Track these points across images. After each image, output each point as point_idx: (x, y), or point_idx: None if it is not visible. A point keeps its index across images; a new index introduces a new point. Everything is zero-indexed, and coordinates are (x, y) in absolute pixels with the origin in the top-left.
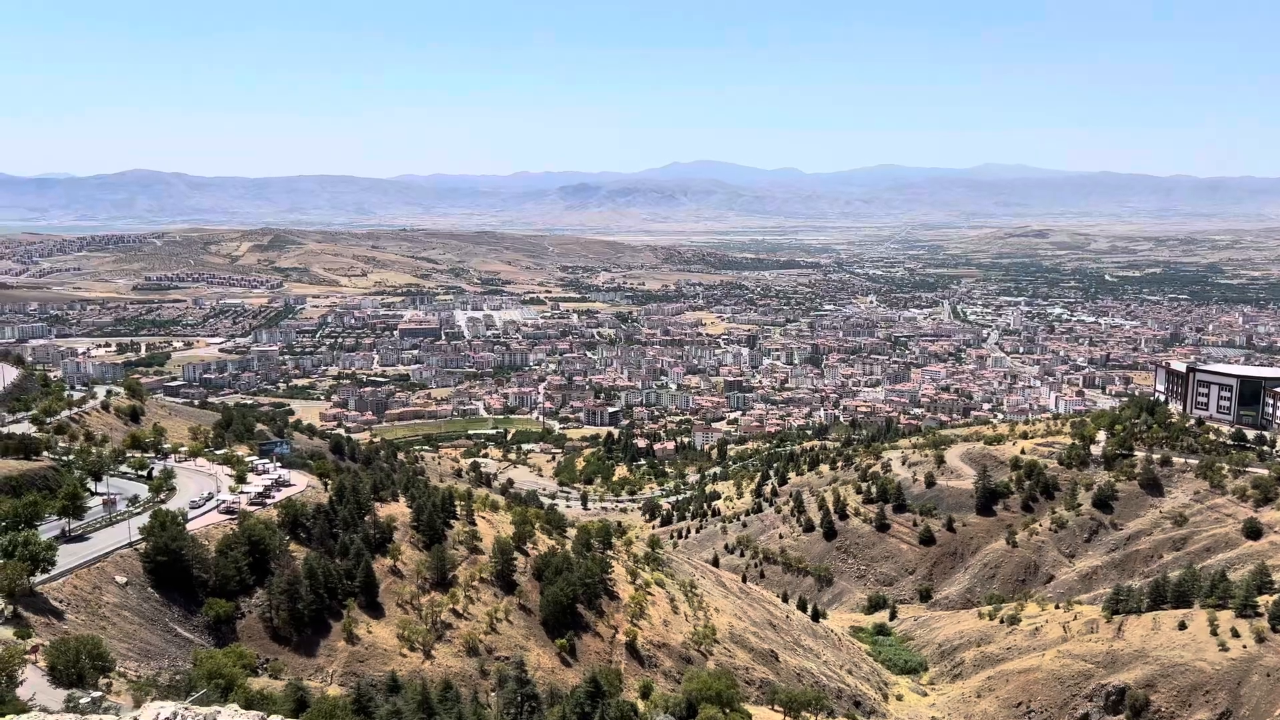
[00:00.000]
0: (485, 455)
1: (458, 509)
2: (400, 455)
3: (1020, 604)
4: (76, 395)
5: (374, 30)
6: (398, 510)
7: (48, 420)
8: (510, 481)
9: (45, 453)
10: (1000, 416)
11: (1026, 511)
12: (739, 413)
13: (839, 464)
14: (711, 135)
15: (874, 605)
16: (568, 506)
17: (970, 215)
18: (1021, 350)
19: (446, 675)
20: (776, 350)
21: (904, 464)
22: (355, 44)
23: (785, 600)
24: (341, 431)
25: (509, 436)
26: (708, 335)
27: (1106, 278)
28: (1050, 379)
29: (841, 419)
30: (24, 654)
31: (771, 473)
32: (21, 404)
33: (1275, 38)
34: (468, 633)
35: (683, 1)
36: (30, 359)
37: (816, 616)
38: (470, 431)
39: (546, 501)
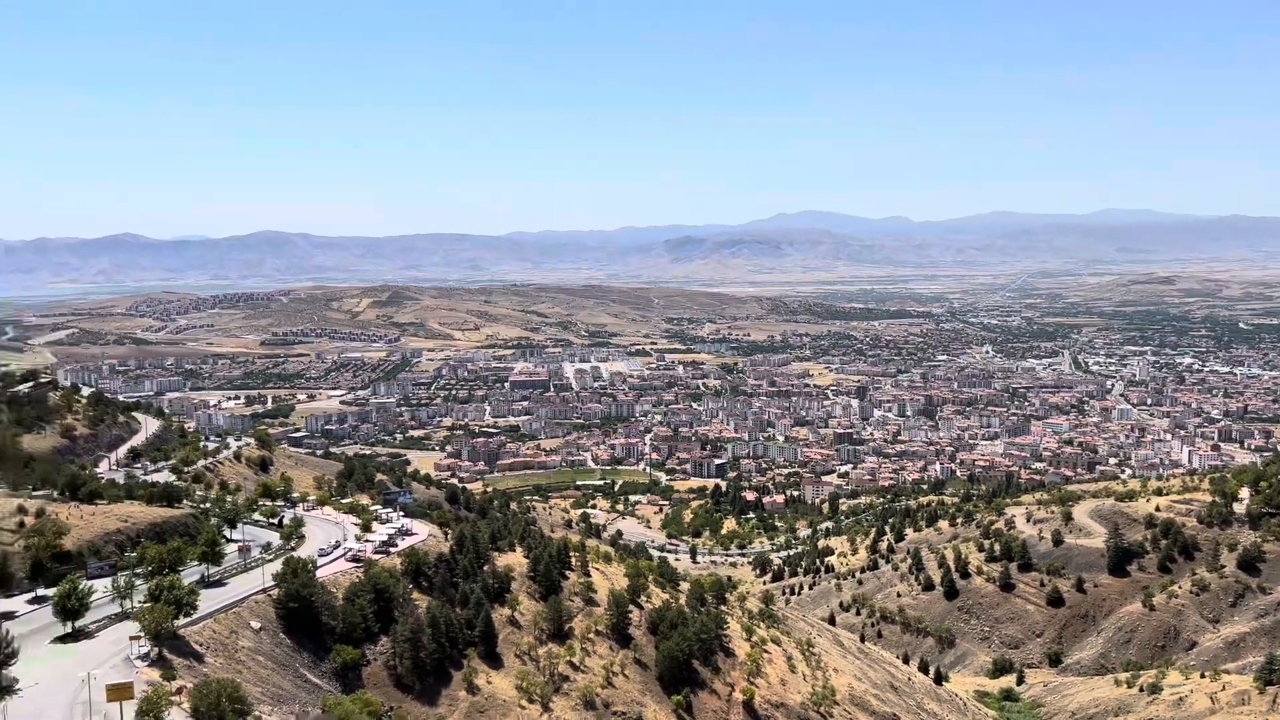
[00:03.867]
0: (593, 506)
1: (572, 560)
2: (513, 505)
3: (1161, 671)
4: (211, 446)
5: (479, 101)
6: (515, 560)
7: (185, 469)
8: (619, 533)
9: (185, 501)
10: (1129, 472)
11: (1164, 572)
12: (850, 466)
13: (959, 520)
14: (817, 185)
15: (999, 669)
16: (676, 559)
17: (1090, 262)
18: (1149, 402)
19: None
20: (888, 401)
21: (1028, 521)
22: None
23: (906, 661)
24: (456, 481)
25: (616, 487)
26: (815, 386)
27: (1241, 325)
28: (1182, 432)
29: (958, 473)
30: (170, 695)
31: (887, 528)
32: (162, 454)
33: None
34: (585, 686)
35: (783, 55)
36: (168, 411)
37: (939, 679)
38: (578, 482)
39: (656, 554)
